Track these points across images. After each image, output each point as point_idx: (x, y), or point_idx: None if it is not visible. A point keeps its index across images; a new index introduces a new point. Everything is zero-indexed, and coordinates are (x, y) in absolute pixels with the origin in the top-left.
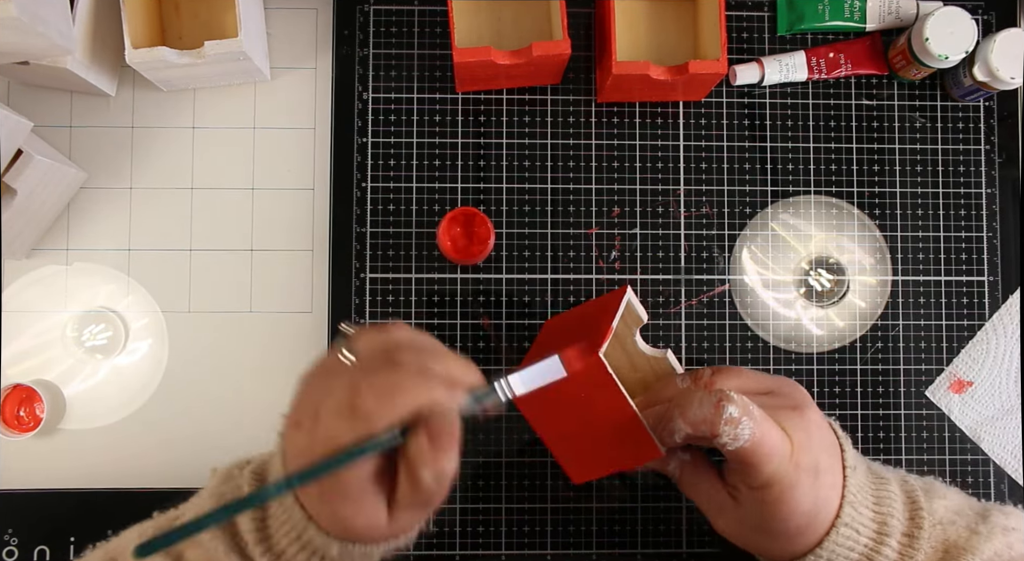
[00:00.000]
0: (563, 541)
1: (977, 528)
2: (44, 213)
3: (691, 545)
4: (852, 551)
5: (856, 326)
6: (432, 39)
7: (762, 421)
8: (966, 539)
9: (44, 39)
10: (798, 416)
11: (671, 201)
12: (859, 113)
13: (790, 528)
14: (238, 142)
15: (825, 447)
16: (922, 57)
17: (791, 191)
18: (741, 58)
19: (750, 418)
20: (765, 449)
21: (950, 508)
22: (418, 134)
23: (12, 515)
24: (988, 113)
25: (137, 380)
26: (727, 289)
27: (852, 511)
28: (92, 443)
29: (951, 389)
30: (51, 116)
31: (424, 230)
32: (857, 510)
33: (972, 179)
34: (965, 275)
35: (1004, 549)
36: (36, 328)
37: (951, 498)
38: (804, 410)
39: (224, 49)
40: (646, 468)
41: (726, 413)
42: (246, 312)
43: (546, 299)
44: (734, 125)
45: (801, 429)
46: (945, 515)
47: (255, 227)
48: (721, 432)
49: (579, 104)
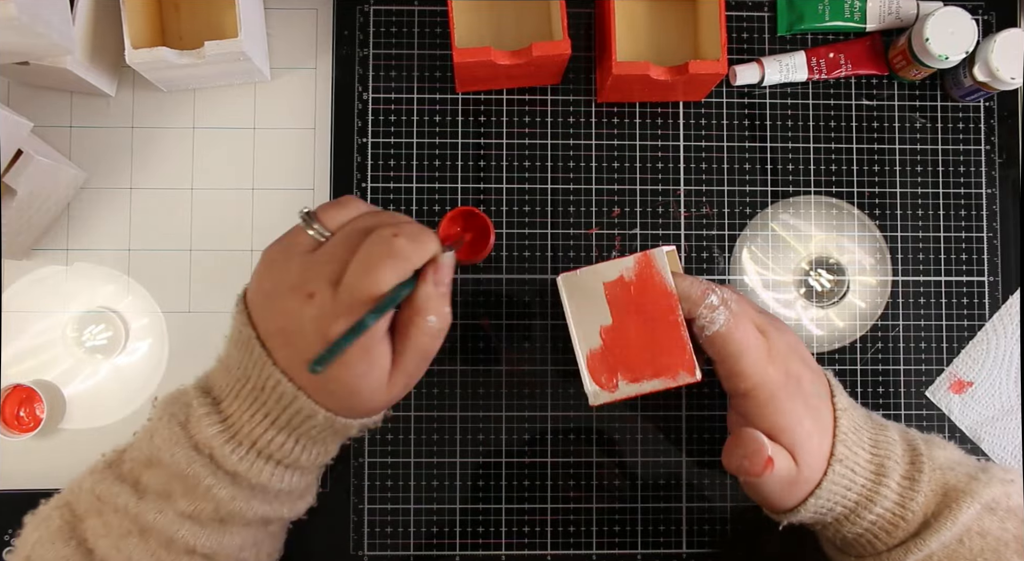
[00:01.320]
0: (563, 541)
1: (977, 475)
2: (44, 213)
3: (691, 545)
4: (850, 490)
5: (856, 326)
6: (432, 39)
7: (739, 315)
8: (965, 483)
9: (44, 39)
10: (780, 333)
11: (671, 201)
12: (859, 113)
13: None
14: (238, 142)
15: (807, 367)
16: (922, 57)
17: (791, 191)
18: (741, 58)
19: (727, 309)
20: (737, 337)
21: (950, 457)
22: (418, 134)
23: (12, 515)
24: (988, 113)
25: (137, 380)
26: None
27: (845, 450)
28: (92, 443)
29: (951, 389)
30: (51, 116)
31: None
32: (851, 449)
33: (972, 179)
34: (965, 275)
35: (1003, 497)
36: (36, 328)
37: (951, 451)
38: (785, 333)
39: (224, 49)
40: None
41: (708, 299)
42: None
43: (546, 299)
44: (734, 125)
45: (779, 341)
46: (945, 462)
47: (255, 227)
48: (699, 314)
49: (579, 104)
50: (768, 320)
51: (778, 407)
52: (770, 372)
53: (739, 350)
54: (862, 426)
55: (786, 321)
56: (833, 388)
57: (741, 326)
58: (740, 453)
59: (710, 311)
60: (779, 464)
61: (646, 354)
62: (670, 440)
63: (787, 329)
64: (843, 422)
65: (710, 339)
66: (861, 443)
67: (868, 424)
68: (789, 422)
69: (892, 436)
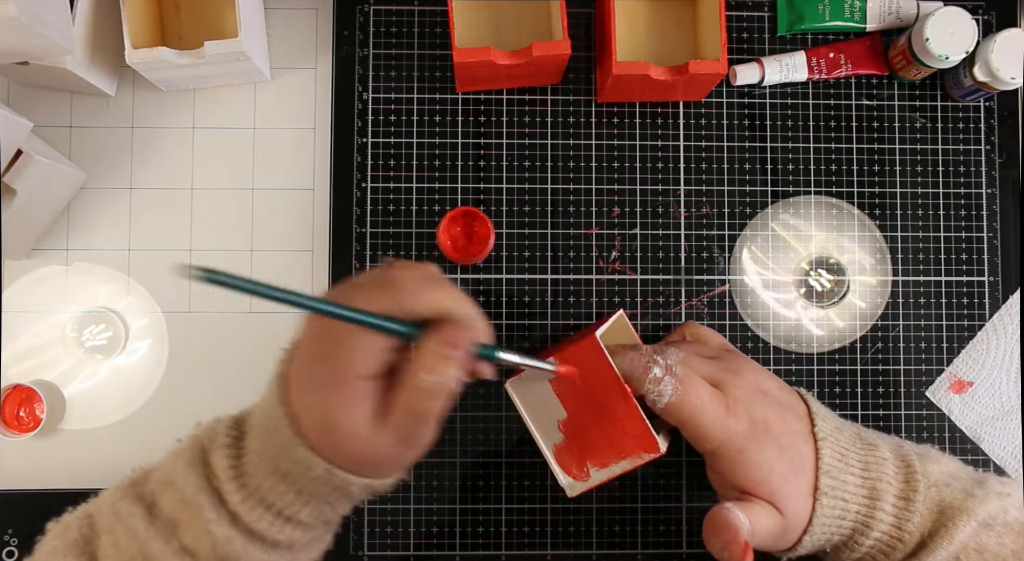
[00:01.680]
0: (563, 541)
1: (973, 491)
2: (44, 213)
3: (691, 545)
4: (844, 519)
5: (856, 326)
6: (432, 39)
7: (687, 380)
8: (961, 501)
9: (44, 39)
10: (736, 378)
11: (671, 201)
12: (859, 113)
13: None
14: (238, 142)
15: (774, 405)
16: (922, 57)
17: (791, 191)
18: (741, 58)
19: (672, 377)
20: (690, 402)
21: (945, 472)
22: (418, 134)
23: (12, 515)
24: (988, 113)
25: (137, 380)
26: (727, 289)
27: (831, 481)
28: (92, 443)
29: (951, 389)
30: (51, 116)
31: (424, 230)
32: (838, 479)
33: (972, 179)
34: (965, 275)
35: (999, 513)
36: (36, 328)
37: (946, 463)
38: (742, 373)
39: (224, 49)
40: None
41: (651, 373)
42: (246, 312)
43: (546, 299)
44: (734, 125)
45: (736, 387)
46: (940, 478)
47: (255, 227)
48: (646, 390)
49: (579, 104)
50: (722, 366)
51: (748, 460)
52: (732, 426)
53: (694, 414)
54: (849, 450)
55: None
56: (812, 413)
57: (691, 391)
58: (717, 543)
59: (656, 385)
60: (762, 525)
61: (606, 439)
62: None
63: (745, 366)
64: (825, 452)
65: (664, 410)
66: (849, 469)
67: (856, 446)
68: (762, 474)
69: (883, 455)
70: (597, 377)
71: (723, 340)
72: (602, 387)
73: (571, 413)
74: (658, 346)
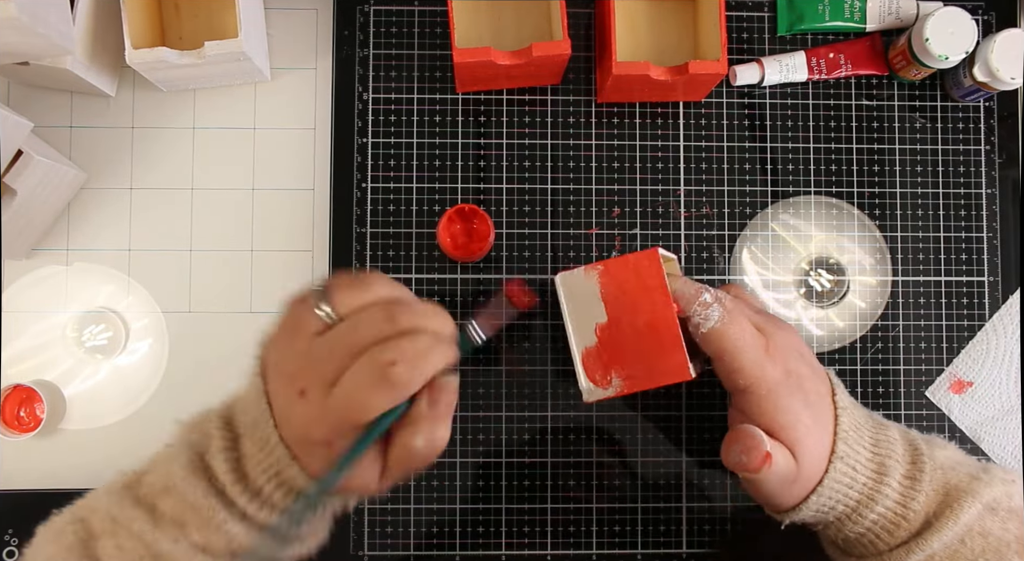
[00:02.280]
0: (563, 541)
1: (978, 475)
2: (44, 213)
3: (691, 545)
4: (851, 488)
5: (856, 326)
6: (432, 39)
7: (734, 312)
8: (967, 483)
9: (44, 39)
10: (779, 331)
11: (671, 201)
12: (859, 113)
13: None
14: (238, 142)
15: (808, 366)
16: (922, 57)
17: (791, 191)
18: (741, 58)
19: (721, 306)
20: (732, 333)
21: (951, 457)
22: (418, 134)
23: (12, 515)
24: (988, 113)
25: (137, 380)
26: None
27: (846, 447)
28: (92, 443)
29: (951, 389)
30: (51, 116)
31: (424, 230)
32: (852, 447)
33: (972, 179)
34: (965, 275)
35: (1004, 498)
36: (36, 328)
37: (951, 449)
38: (784, 330)
39: (224, 49)
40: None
41: (701, 297)
42: (246, 312)
43: (546, 299)
44: (734, 125)
45: (778, 337)
46: (946, 462)
47: (255, 227)
48: (692, 311)
49: (579, 104)
50: (768, 319)
51: (777, 404)
52: (768, 369)
53: (735, 346)
54: (863, 425)
55: (786, 321)
56: (835, 386)
57: (736, 322)
58: (737, 449)
59: (704, 308)
60: (778, 461)
61: (640, 352)
62: (670, 440)
63: (789, 328)
64: (844, 420)
65: (705, 336)
66: (862, 441)
67: (869, 423)
68: (788, 419)
69: (893, 435)
70: (647, 290)
71: (765, 306)
72: (649, 300)
73: (611, 319)
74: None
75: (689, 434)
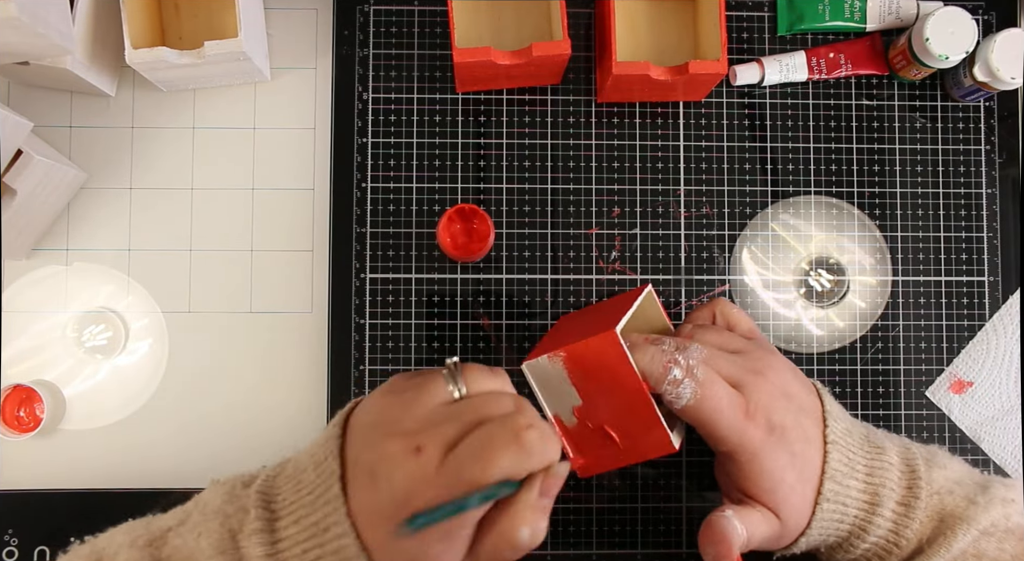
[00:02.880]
0: (563, 541)
1: (976, 498)
2: (44, 213)
3: (691, 545)
4: (842, 523)
5: (856, 326)
6: (432, 39)
7: (707, 383)
8: (963, 509)
9: (44, 39)
10: (759, 380)
11: (671, 201)
12: (859, 113)
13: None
14: (238, 142)
15: (792, 408)
16: (922, 57)
17: (791, 191)
18: (741, 58)
19: (692, 379)
20: (708, 407)
21: (950, 478)
22: (418, 134)
23: (12, 515)
24: (988, 113)
25: (137, 380)
26: (727, 289)
27: (835, 486)
28: (92, 443)
29: (951, 389)
30: (51, 116)
31: (424, 230)
32: (841, 484)
33: (972, 179)
34: (965, 275)
35: (1001, 520)
36: (36, 328)
37: (952, 468)
38: (766, 374)
39: (224, 49)
40: None
41: (670, 375)
42: (246, 312)
43: (546, 299)
44: (734, 125)
45: (758, 391)
46: (944, 485)
47: (255, 227)
48: (663, 390)
49: (579, 104)
50: (746, 367)
51: (760, 467)
52: (748, 433)
53: (711, 419)
54: (856, 454)
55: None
56: (826, 414)
57: (710, 394)
58: (711, 551)
59: (675, 387)
60: (759, 532)
61: (621, 428)
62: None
63: (769, 366)
64: (833, 456)
65: (681, 411)
66: (854, 474)
67: (863, 449)
68: (771, 483)
69: (889, 459)
70: (614, 371)
71: (752, 324)
72: (618, 382)
73: (586, 401)
74: (681, 340)
75: (689, 434)
